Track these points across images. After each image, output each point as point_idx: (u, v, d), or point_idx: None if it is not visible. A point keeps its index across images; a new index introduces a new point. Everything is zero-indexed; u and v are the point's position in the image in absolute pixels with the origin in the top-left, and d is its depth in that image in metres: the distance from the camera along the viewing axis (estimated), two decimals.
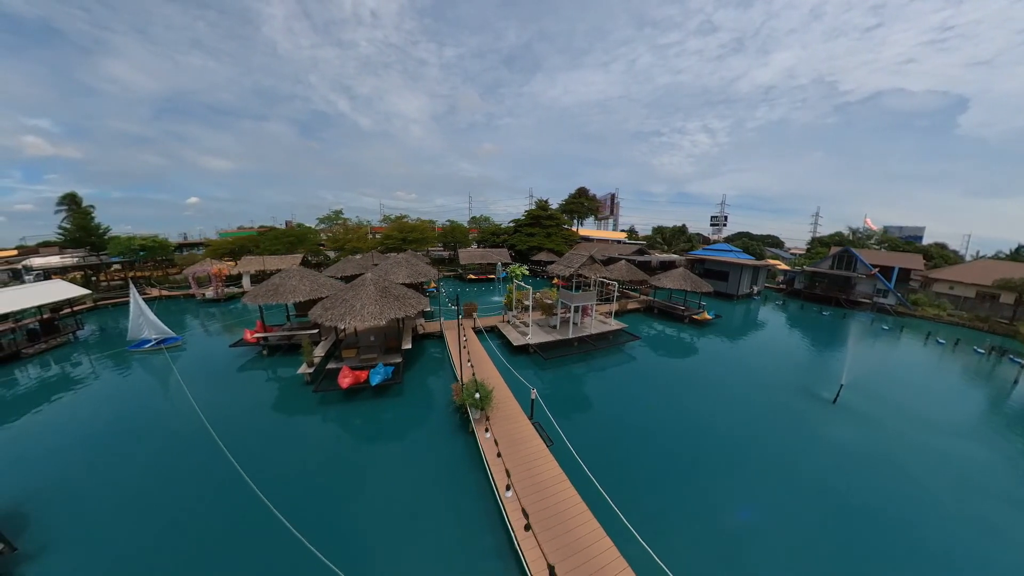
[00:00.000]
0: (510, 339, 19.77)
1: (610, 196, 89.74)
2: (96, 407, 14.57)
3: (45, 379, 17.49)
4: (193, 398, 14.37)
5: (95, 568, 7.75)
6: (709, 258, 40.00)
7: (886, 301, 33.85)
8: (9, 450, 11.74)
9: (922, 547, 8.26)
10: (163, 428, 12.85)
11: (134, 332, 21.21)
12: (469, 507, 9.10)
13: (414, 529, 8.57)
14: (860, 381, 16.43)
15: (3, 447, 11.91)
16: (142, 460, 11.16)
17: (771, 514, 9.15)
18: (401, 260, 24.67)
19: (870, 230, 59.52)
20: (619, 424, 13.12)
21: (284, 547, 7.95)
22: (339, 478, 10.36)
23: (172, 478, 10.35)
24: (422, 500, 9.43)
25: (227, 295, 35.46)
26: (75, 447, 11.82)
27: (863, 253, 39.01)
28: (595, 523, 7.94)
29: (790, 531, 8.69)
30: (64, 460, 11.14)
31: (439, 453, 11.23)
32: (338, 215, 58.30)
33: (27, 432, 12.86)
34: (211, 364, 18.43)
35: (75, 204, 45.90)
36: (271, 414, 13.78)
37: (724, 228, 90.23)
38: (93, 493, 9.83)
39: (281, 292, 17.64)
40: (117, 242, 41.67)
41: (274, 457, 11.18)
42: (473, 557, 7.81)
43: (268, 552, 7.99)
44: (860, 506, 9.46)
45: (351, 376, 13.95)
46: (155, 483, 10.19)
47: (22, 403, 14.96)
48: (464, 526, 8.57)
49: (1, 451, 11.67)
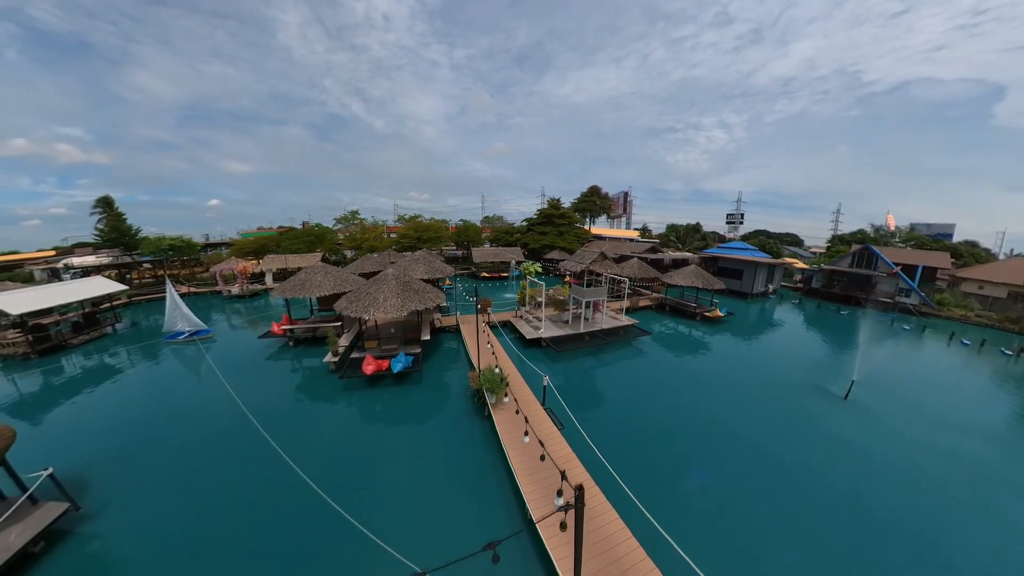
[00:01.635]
0: (523, 333, 20.42)
1: (623, 194, 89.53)
2: (141, 390, 15.89)
3: (93, 366, 18.96)
4: (227, 382, 15.53)
5: (147, 524, 8.75)
6: (723, 256, 39.81)
7: (909, 301, 32.78)
8: (70, 426, 13.04)
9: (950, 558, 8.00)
10: (202, 408, 13.99)
11: (169, 324, 22.61)
12: (486, 481, 9.82)
13: (434, 498, 9.32)
14: (874, 379, 16.11)
15: (65, 423, 13.25)
16: (185, 435, 12.28)
17: (771, 503, 9.48)
18: (419, 257, 25.70)
19: (890, 228, 57.94)
20: (628, 411, 13.68)
21: (314, 508, 8.88)
22: (364, 453, 11.24)
23: (213, 451, 11.41)
24: (441, 474, 10.19)
25: (251, 291, 37.02)
26: (126, 424, 13.01)
27: (885, 251, 37.96)
28: (602, 496, 8.55)
29: (792, 520, 9.05)
30: (117, 435, 12.31)
31: (457, 433, 12.04)
32: (355, 215, 59.79)
33: (83, 411, 14.19)
34: (242, 353, 19.65)
35: (108, 207, 48.55)
36: (299, 396, 14.84)
37: (741, 226, 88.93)
38: (144, 462, 10.91)
39: (307, 286, 18.79)
40: (148, 242, 43.97)
41: (303, 433, 12.21)
42: (492, 525, 8.49)
43: (300, 511, 8.91)
44: (873, 505, 9.35)
45: (374, 364, 14.88)
46: (198, 455, 11.24)
47: (76, 386, 16.39)
48: (483, 498, 9.26)
49: (63, 427, 12.98)
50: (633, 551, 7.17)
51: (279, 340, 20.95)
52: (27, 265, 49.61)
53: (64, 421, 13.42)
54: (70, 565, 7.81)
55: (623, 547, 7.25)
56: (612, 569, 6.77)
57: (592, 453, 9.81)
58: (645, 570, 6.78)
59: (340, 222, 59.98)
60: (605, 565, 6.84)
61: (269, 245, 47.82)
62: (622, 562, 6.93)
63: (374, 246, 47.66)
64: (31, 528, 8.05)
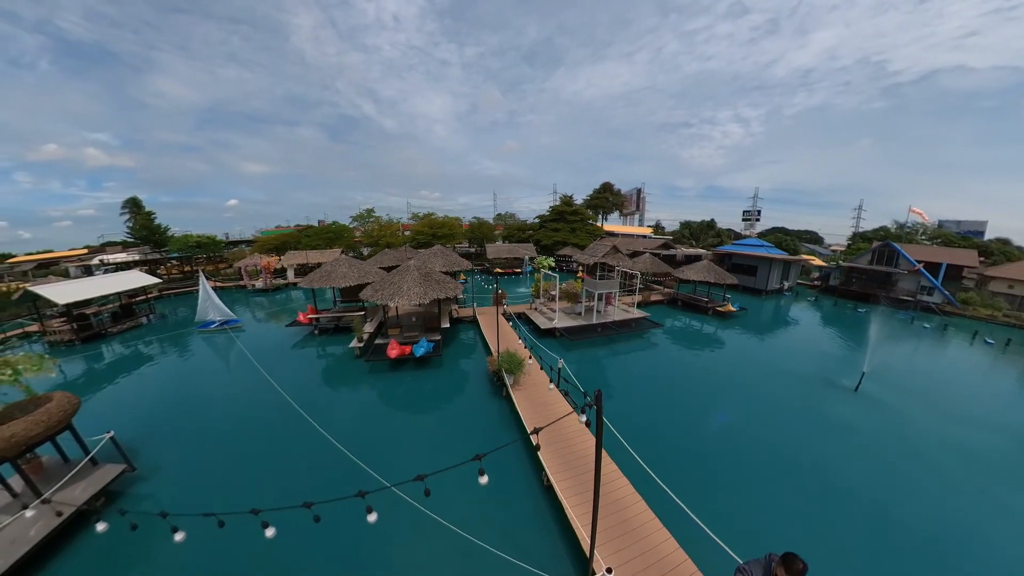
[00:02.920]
0: (538, 323, 20.99)
1: (636, 191, 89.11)
2: (181, 371, 17.12)
3: (133, 351, 20.31)
4: (259, 364, 16.62)
5: (194, 484, 9.67)
6: (737, 252, 39.58)
7: (931, 299, 31.97)
8: (119, 401, 14.26)
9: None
10: (238, 386, 15.09)
11: (201, 314, 23.85)
12: (505, 452, 10.39)
13: (457, 462, 9.94)
14: (887, 373, 15.96)
15: (113, 398, 14.49)
16: (224, 409, 13.34)
17: (774, 497, 9.80)
18: (436, 251, 26.67)
19: (921, 220, 55.77)
20: (637, 393, 14.38)
21: (347, 471, 9.78)
22: (390, 425, 12.13)
23: (251, 421, 12.44)
24: (462, 442, 10.97)
25: (274, 286, 38.41)
26: (170, 400, 14.15)
27: (908, 248, 37.03)
28: (613, 465, 9.15)
29: (790, 497, 9.45)
30: (163, 408, 13.44)
31: (477, 409, 12.84)
32: (370, 213, 61.14)
33: (129, 388, 15.41)
34: (270, 340, 20.82)
35: (137, 207, 50.94)
36: (328, 377, 15.90)
37: (757, 223, 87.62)
38: (188, 432, 11.94)
39: (333, 277, 19.91)
40: (176, 240, 46.11)
41: (333, 407, 13.22)
42: (510, 487, 9.15)
43: (334, 474, 9.81)
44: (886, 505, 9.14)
45: (398, 348, 15.80)
46: (237, 425, 12.27)
47: (120, 367, 17.72)
48: (502, 465, 9.87)
49: (113, 401, 14.20)
50: (642, 512, 7.73)
51: (305, 329, 22.02)
52: (62, 262, 52.50)
53: (112, 397, 14.60)
54: (125, 521, 8.66)
55: (632, 509, 7.83)
56: (623, 527, 7.34)
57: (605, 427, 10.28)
58: (653, 528, 7.31)
59: (356, 220, 61.43)
60: (617, 523, 7.42)
61: (290, 242, 49.52)
62: (631, 521, 7.49)
63: (390, 242, 48.84)
64: (94, 485, 8.96)
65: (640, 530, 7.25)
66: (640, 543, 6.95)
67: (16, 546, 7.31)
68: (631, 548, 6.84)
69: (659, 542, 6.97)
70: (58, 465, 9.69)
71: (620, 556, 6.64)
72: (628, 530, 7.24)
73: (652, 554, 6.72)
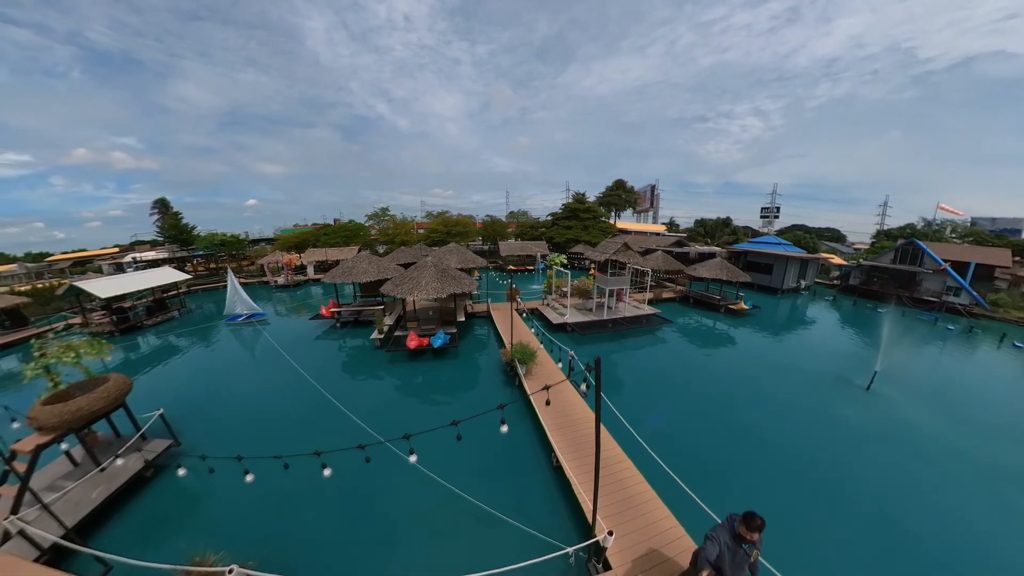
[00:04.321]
0: (550, 319, 21.48)
1: (650, 188, 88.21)
2: (213, 359, 18.42)
3: (168, 341, 21.69)
4: (286, 354, 17.72)
5: (230, 459, 10.50)
6: (752, 250, 39.18)
7: (958, 300, 30.51)
8: (159, 385, 15.48)
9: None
10: (267, 372, 16.23)
11: (229, 308, 25.15)
12: (517, 433, 11.17)
13: (473, 441, 10.57)
14: (899, 374, 15.54)
15: (154, 383, 15.71)
16: (255, 394, 14.40)
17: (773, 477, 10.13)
18: (452, 249, 27.54)
19: (951, 217, 53.24)
20: (646, 383, 14.90)
21: (370, 448, 10.40)
22: (410, 408, 12.99)
23: (280, 404, 13.42)
24: (477, 424, 11.48)
25: (295, 282, 39.85)
26: (205, 385, 15.34)
27: (935, 247, 35.47)
28: (619, 449, 9.68)
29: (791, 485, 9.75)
30: (199, 392, 14.62)
31: (490, 397, 13.51)
32: (385, 212, 62.50)
33: (166, 374, 16.71)
34: (295, 332, 21.96)
35: (165, 208, 53.40)
36: (351, 364, 16.98)
37: (776, 220, 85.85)
38: (224, 412, 12.96)
39: (354, 273, 20.99)
40: (202, 239, 48.28)
41: (356, 392, 14.26)
42: (521, 467, 9.78)
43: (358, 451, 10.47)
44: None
45: (416, 340, 16.75)
46: (268, 407, 13.25)
47: (158, 356, 19.09)
48: (513, 445, 10.73)
49: (154, 386, 15.38)
50: (645, 491, 8.23)
51: (327, 322, 23.10)
52: (95, 260, 55.45)
53: (152, 381, 15.81)
54: (172, 488, 9.61)
55: (635, 488, 8.34)
56: (626, 503, 7.86)
57: (608, 409, 10.73)
58: (655, 506, 7.79)
59: (371, 219, 62.90)
60: (620, 499, 7.94)
61: (310, 240, 51.17)
62: (634, 499, 8.00)
63: (406, 240, 49.97)
64: (144, 457, 9.90)
65: (642, 507, 7.73)
66: (641, 518, 7.44)
67: (80, 507, 8.25)
68: (633, 522, 7.34)
69: (659, 518, 7.44)
70: (111, 439, 10.71)
71: (622, 528, 7.13)
72: (631, 506, 7.74)
73: (652, 528, 7.21)
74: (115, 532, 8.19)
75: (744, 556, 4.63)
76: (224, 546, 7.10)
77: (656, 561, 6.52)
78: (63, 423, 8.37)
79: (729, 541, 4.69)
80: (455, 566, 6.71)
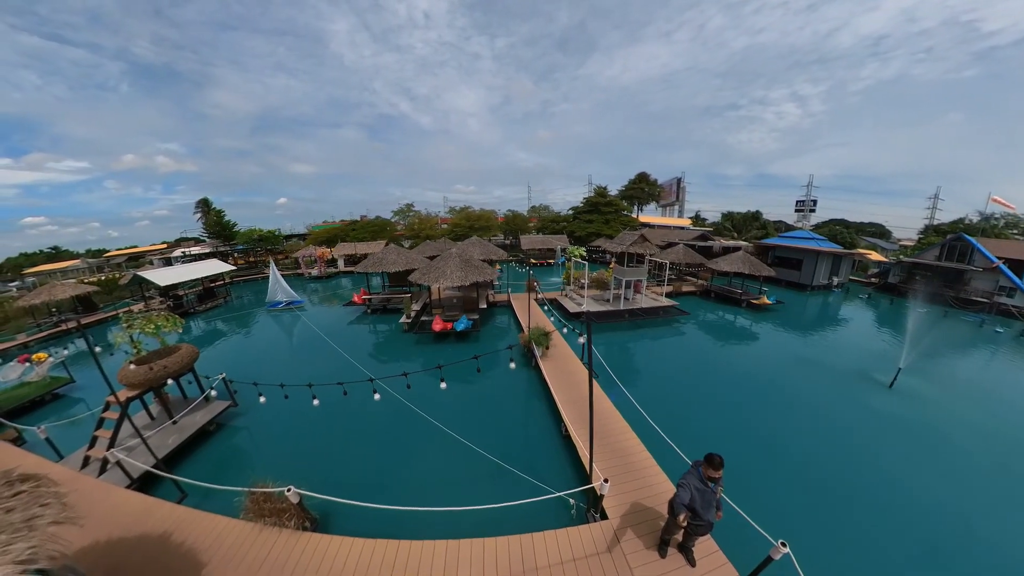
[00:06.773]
0: (567, 307, 22.21)
1: (675, 181, 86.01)
2: (260, 338, 20.70)
3: (219, 324, 24.10)
4: (323, 335, 19.70)
5: (280, 420, 12.14)
6: (780, 245, 38.13)
7: (1011, 301, 27.81)
8: (214, 358, 17.38)
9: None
10: (308, 350, 18.21)
11: (271, 295, 27.41)
12: (533, 410, 12.16)
13: (493, 412, 12.16)
14: (929, 371, 14.98)
15: (213, 356, 17.63)
16: (297, 366, 16.38)
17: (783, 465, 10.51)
18: (475, 241, 28.88)
19: (1007, 211, 49.16)
20: (658, 370, 15.52)
21: (401, 414, 12.07)
22: (436, 383, 13.93)
23: (320, 375, 14.73)
24: (498, 397, 12.84)
25: (327, 274, 42.29)
26: (254, 359, 17.40)
27: (989, 243, 32.17)
28: (624, 422, 10.41)
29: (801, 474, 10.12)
30: (249, 365, 16.42)
31: (509, 376, 14.06)
32: (410, 208, 64.65)
33: (219, 349, 18.90)
34: (330, 317, 24.00)
35: (207, 207, 57.59)
36: (381, 344, 18.79)
37: (812, 214, 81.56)
38: (273, 379, 14.23)
39: (384, 264, 22.80)
40: (242, 234, 52.13)
41: (387, 367, 15.79)
42: (534, 434, 10.77)
43: (391, 417, 12.03)
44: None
45: (441, 323, 18.20)
46: (308, 377, 14.35)
47: (212, 335, 21.46)
48: (528, 416, 11.84)
49: (213, 358, 17.21)
50: (645, 459, 8.96)
51: (359, 308, 25.03)
52: (147, 255, 60.79)
53: (209, 355, 17.77)
54: (231, 440, 11.27)
55: (637, 456, 9.07)
56: (626, 467, 8.64)
57: (618, 388, 11.49)
58: (654, 472, 8.52)
59: (397, 215, 65.22)
60: (618, 463, 8.74)
61: (339, 235, 53.89)
62: (635, 464, 8.76)
63: (430, 235, 51.75)
64: (208, 413, 11.50)
65: (642, 472, 8.46)
66: (639, 480, 8.19)
67: (159, 450, 9.82)
68: (631, 483, 8.09)
69: (656, 482, 8.14)
70: (179, 400, 12.40)
71: (619, 487, 7.93)
72: (630, 470, 8.48)
73: (648, 489, 7.94)
74: (187, 472, 9.71)
75: (711, 494, 5.35)
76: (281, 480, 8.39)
77: (647, 513, 7.26)
78: (147, 380, 9.99)
79: (698, 484, 5.38)
80: (473, 500, 7.66)
